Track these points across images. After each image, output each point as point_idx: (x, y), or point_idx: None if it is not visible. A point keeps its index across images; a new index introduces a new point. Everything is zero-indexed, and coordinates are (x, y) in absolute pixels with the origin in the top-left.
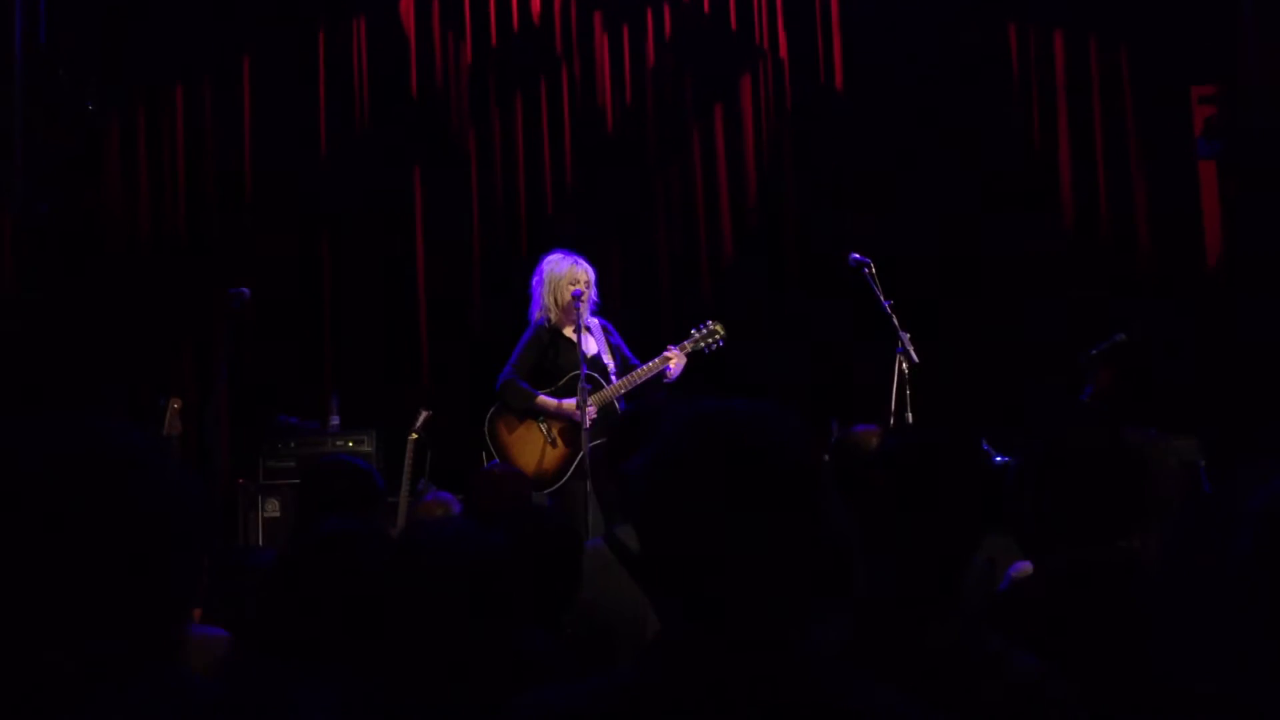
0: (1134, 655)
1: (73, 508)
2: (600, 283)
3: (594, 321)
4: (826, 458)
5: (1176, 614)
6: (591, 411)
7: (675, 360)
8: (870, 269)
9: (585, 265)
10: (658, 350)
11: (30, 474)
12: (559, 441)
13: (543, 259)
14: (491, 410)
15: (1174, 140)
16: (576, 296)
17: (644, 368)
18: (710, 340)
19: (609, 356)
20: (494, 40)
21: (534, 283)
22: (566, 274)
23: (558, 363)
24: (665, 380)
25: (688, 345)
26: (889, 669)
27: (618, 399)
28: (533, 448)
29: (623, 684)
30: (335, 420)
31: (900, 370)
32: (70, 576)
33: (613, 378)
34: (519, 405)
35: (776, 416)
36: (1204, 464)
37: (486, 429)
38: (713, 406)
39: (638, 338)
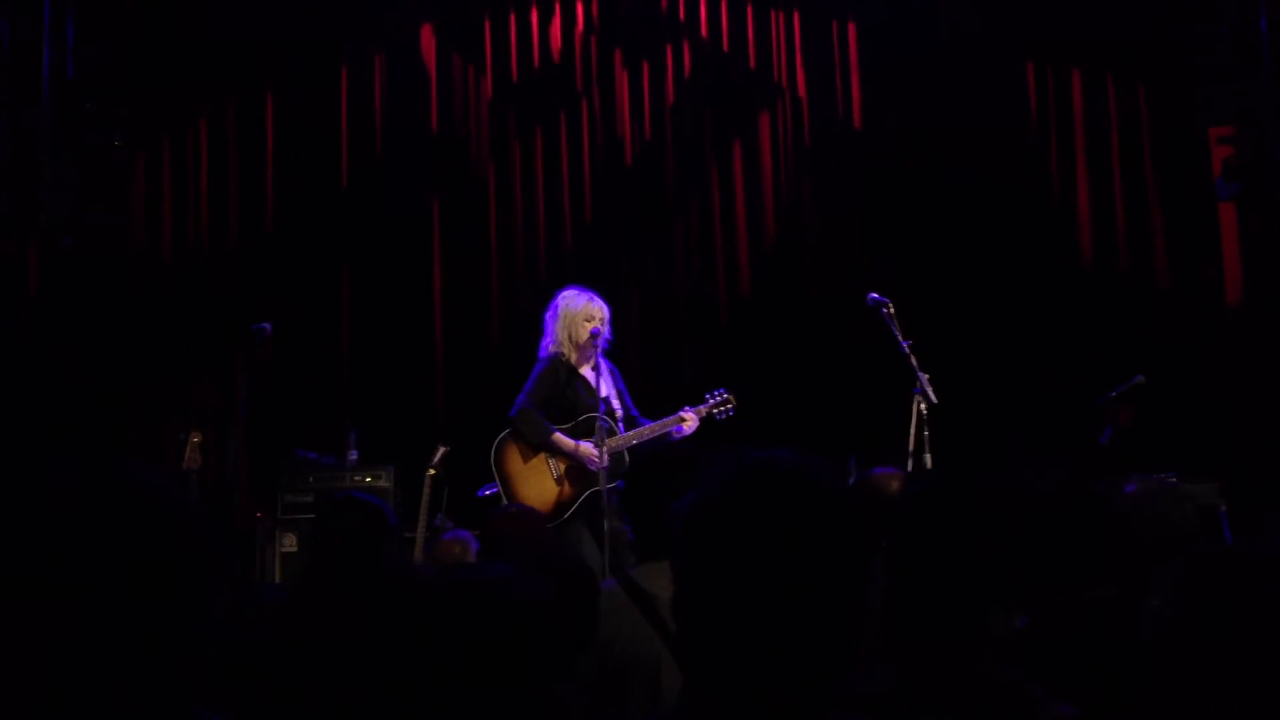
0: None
1: (89, 551)
2: (617, 317)
3: (604, 364)
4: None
5: (1177, 662)
6: (605, 458)
7: (689, 423)
8: (889, 308)
9: (601, 302)
10: (671, 386)
11: (46, 519)
12: (565, 481)
13: (557, 293)
14: (501, 436)
15: (1193, 180)
16: (595, 335)
17: (659, 423)
18: (722, 408)
19: (617, 402)
20: (515, 75)
21: (547, 317)
22: (583, 310)
23: (574, 401)
24: (671, 439)
25: (702, 410)
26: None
27: (627, 449)
28: (539, 482)
29: None
30: (353, 455)
31: (918, 411)
32: (86, 619)
33: (619, 426)
34: (535, 438)
35: (823, 469)
36: (1225, 509)
37: (493, 454)
38: (762, 455)
39: (653, 372)
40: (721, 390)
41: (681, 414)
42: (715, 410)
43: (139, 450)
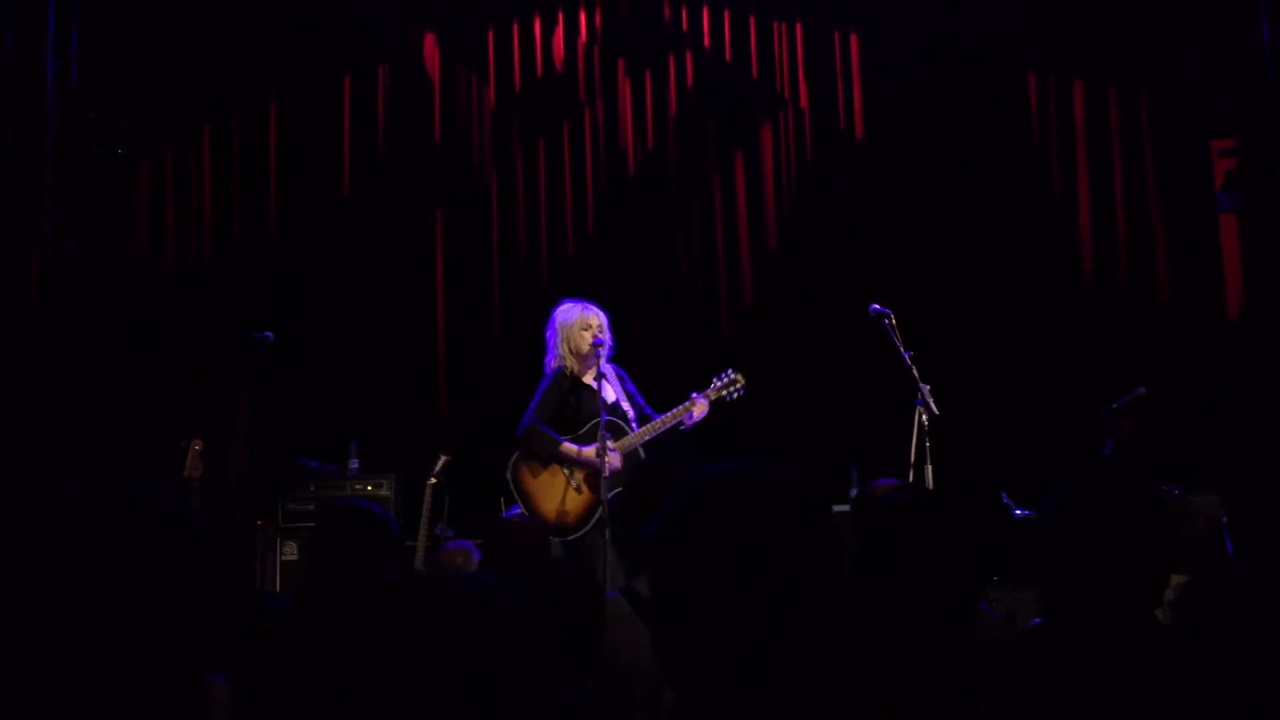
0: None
1: (93, 565)
2: (620, 326)
3: (609, 368)
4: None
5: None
6: (616, 458)
7: (699, 408)
8: (890, 320)
9: (595, 310)
10: (676, 394)
11: (51, 532)
12: (583, 488)
13: (554, 310)
14: (514, 456)
15: (1194, 192)
16: (596, 344)
17: (668, 414)
18: (731, 389)
19: (627, 403)
20: (518, 85)
21: (548, 333)
22: (578, 320)
23: (579, 410)
24: (683, 427)
25: (710, 393)
26: None
27: (641, 445)
28: (556, 494)
29: None
30: (355, 463)
31: (920, 422)
32: (92, 631)
33: (632, 425)
34: (543, 452)
35: (786, 476)
36: (1226, 521)
37: (509, 475)
38: (722, 468)
39: (657, 381)
40: (729, 371)
41: (690, 400)
42: (725, 392)
43: (141, 458)
